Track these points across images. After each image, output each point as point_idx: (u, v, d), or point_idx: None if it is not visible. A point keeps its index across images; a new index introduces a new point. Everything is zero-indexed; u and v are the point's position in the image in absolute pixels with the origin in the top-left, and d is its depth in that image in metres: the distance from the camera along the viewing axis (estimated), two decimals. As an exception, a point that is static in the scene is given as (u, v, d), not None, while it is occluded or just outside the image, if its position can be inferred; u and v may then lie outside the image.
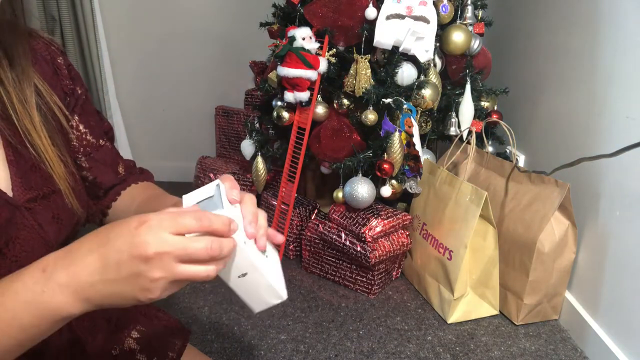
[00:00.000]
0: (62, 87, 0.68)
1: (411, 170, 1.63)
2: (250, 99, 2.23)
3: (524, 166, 1.74)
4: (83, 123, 0.71)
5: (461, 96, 1.68)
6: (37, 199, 0.60)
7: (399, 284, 1.71)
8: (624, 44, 1.28)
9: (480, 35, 1.67)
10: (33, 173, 0.61)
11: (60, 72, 0.68)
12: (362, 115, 1.57)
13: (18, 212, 0.58)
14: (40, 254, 0.57)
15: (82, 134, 0.71)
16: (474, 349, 1.40)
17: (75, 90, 0.70)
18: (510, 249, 1.48)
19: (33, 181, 0.60)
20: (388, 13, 1.50)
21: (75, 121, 0.70)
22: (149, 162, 2.45)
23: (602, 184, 1.35)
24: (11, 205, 0.58)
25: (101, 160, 0.73)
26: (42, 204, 0.61)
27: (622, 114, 1.27)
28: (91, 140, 0.72)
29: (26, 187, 0.60)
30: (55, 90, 0.66)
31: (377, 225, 1.56)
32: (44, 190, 0.61)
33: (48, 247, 0.60)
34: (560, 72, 1.58)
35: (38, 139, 0.61)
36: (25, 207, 0.59)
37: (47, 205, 0.61)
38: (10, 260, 0.57)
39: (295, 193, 1.70)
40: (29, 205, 0.59)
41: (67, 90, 0.69)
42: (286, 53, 1.54)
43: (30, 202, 0.60)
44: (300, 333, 1.45)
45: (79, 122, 0.70)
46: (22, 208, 0.59)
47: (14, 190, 0.59)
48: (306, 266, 1.75)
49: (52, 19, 2.02)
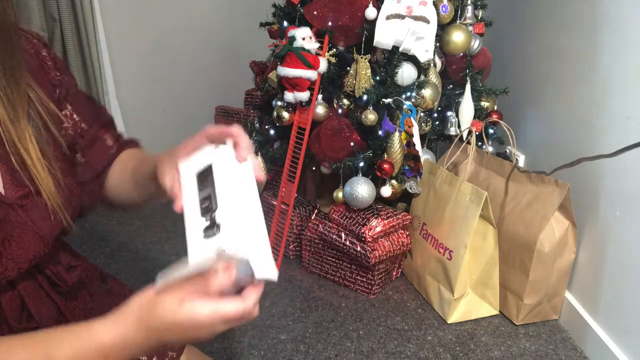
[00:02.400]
0: (50, 80, 0.67)
1: (411, 170, 1.63)
2: (250, 99, 2.23)
3: (524, 166, 1.74)
4: (76, 112, 0.71)
5: (461, 96, 1.68)
6: (28, 195, 0.60)
7: (399, 284, 1.71)
8: (623, 45, 1.28)
9: (480, 35, 1.67)
10: (23, 170, 0.60)
11: (46, 65, 0.67)
12: (362, 115, 1.57)
13: (11, 210, 0.58)
14: (36, 250, 0.58)
15: (76, 122, 0.71)
16: (474, 349, 1.40)
17: (64, 80, 0.69)
18: (510, 249, 1.48)
19: (22, 178, 0.60)
20: (388, 13, 1.50)
21: (69, 110, 0.70)
22: (149, 162, 2.46)
23: (602, 184, 1.35)
24: (4, 203, 0.58)
25: (94, 145, 0.74)
26: (34, 200, 0.60)
27: (622, 114, 1.27)
28: (84, 127, 0.72)
29: (17, 184, 0.59)
30: (43, 84, 0.65)
31: (377, 225, 1.56)
32: (36, 187, 0.61)
33: (43, 243, 0.60)
34: (560, 72, 1.58)
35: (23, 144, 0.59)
36: (17, 204, 0.59)
37: (40, 202, 0.61)
38: (7, 258, 0.57)
39: (295, 193, 1.70)
40: (21, 202, 0.59)
41: (56, 82, 0.68)
42: (286, 53, 1.54)
43: (22, 199, 0.59)
44: (300, 333, 1.45)
45: (72, 111, 0.70)
46: (14, 205, 0.58)
47: (5, 189, 0.58)
48: (306, 266, 1.75)
49: (52, 19, 2.02)
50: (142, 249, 1.85)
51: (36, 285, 0.63)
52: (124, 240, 1.89)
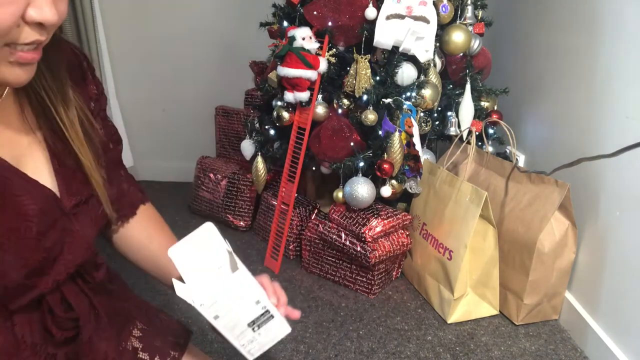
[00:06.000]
0: (89, 93, 0.69)
1: (411, 170, 1.63)
2: (250, 99, 2.23)
3: (524, 166, 1.74)
4: (103, 128, 0.72)
5: (461, 96, 1.68)
6: (79, 204, 0.64)
7: (399, 284, 1.71)
8: (623, 44, 1.28)
9: (480, 35, 1.67)
10: (75, 179, 0.64)
11: (87, 78, 0.69)
12: (362, 115, 1.57)
13: (66, 219, 0.62)
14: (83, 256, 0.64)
15: (101, 138, 0.72)
16: (474, 349, 1.40)
17: (100, 98, 0.72)
18: (510, 249, 1.48)
19: (75, 187, 0.63)
20: (388, 13, 1.50)
21: (99, 126, 0.71)
22: (149, 162, 2.46)
23: (602, 184, 1.35)
24: (64, 213, 0.61)
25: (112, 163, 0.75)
26: (83, 208, 0.64)
27: (622, 114, 1.27)
28: (109, 144, 0.74)
29: (70, 193, 0.63)
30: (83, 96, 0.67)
31: (377, 225, 1.56)
32: (85, 195, 0.64)
33: (90, 250, 0.65)
34: (560, 72, 1.58)
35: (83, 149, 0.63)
36: (71, 212, 0.62)
37: (87, 210, 0.65)
38: (60, 264, 0.61)
39: (295, 193, 1.70)
40: (74, 211, 0.63)
41: (93, 96, 0.70)
42: (286, 53, 1.54)
43: (74, 208, 0.63)
44: (300, 333, 1.45)
45: (101, 126, 0.71)
46: (70, 214, 0.62)
47: (62, 198, 0.62)
48: (306, 266, 1.75)
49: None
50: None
51: (72, 282, 0.68)
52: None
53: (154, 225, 0.81)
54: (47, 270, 0.60)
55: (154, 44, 2.25)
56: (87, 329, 0.68)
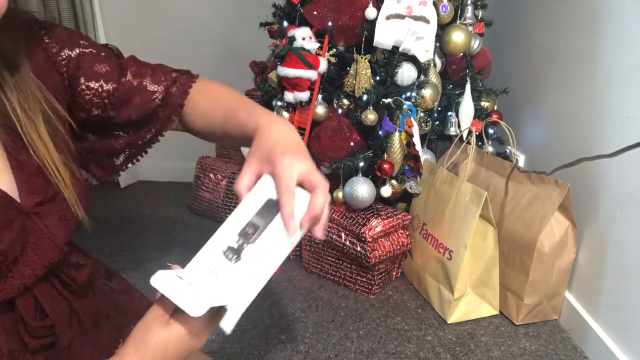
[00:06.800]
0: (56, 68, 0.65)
1: (411, 170, 1.63)
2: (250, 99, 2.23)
3: (524, 166, 1.74)
4: (92, 79, 0.67)
5: (461, 96, 1.68)
6: (43, 202, 0.60)
7: (399, 284, 1.71)
8: (624, 44, 1.28)
9: (480, 35, 1.67)
10: (37, 177, 0.60)
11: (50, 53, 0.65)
12: (362, 115, 1.57)
13: (27, 219, 0.58)
14: (51, 256, 0.60)
15: (97, 90, 0.68)
16: (474, 349, 1.40)
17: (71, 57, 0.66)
18: (510, 249, 1.48)
19: (38, 185, 0.60)
20: (388, 13, 1.50)
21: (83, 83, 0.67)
22: (149, 162, 2.45)
23: (602, 184, 1.35)
24: (21, 212, 0.58)
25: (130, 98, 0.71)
26: (48, 206, 0.61)
27: (622, 114, 1.27)
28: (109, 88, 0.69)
29: (32, 191, 0.59)
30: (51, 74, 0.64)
31: (377, 225, 1.56)
32: (50, 193, 0.61)
33: (58, 249, 0.61)
34: (560, 72, 1.58)
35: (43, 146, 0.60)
36: (33, 212, 0.59)
37: (53, 208, 0.61)
38: (24, 266, 0.58)
39: (295, 193, 1.70)
40: (36, 210, 0.59)
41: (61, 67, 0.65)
42: (286, 53, 1.54)
43: (37, 207, 0.59)
44: (300, 333, 1.44)
45: (85, 81, 0.67)
46: (31, 214, 0.59)
47: (21, 197, 0.59)
48: (306, 266, 1.75)
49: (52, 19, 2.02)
50: (142, 249, 1.85)
51: (48, 286, 0.64)
52: (124, 240, 1.89)
53: (213, 85, 0.82)
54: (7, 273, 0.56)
55: (154, 44, 2.25)
56: (65, 336, 0.64)
